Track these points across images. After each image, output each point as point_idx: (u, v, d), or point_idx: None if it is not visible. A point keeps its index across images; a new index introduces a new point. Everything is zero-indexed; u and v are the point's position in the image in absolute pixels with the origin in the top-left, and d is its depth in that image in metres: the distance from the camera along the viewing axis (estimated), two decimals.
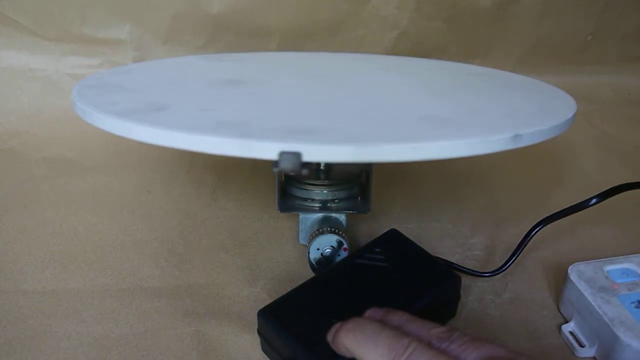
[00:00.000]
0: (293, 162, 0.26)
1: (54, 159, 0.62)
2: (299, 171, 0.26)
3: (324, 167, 0.46)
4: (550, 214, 0.45)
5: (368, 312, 0.33)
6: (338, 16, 0.70)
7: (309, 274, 0.44)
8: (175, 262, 0.46)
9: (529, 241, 0.45)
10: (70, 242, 0.48)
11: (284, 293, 0.37)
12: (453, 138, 0.28)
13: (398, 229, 0.43)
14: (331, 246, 0.43)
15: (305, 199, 0.46)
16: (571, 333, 0.39)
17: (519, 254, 0.45)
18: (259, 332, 0.37)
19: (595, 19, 0.78)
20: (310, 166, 0.27)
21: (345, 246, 0.43)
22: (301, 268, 0.46)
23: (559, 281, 0.43)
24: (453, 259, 0.46)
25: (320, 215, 0.45)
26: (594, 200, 0.44)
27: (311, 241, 0.43)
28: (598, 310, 0.37)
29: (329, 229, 0.43)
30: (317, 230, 0.43)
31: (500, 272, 0.44)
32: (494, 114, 0.35)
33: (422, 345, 0.28)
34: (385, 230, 0.43)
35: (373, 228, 0.51)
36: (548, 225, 0.45)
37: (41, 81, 0.68)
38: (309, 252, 0.43)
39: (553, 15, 0.77)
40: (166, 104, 0.33)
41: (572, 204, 0.45)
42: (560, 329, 0.40)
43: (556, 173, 0.63)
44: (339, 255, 0.43)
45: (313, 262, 0.43)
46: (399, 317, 0.32)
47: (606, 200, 0.44)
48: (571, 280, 0.40)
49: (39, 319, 0.40)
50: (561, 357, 0.38)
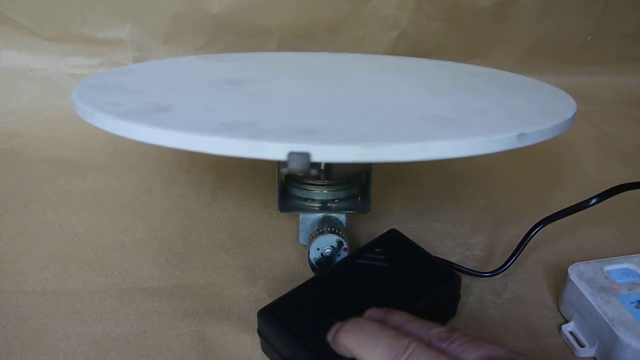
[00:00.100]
0: (302, 163, 0.26)
1: (54, 159, 0.62)
2: (308, 171, 0.27)
3: (324, 167, 0.46)
4: (550, 214, 0.45)
5: (368, 312, 0.33)
6: (338, 16, 0.70)
7: (309, 274, 0.44)
8: (175, 262, 0.46)
9: (529, 241, 0.45)
10: (70, 242, 0.48)
11: (284, 293, 0.37)
12: (458, 137, 0.28)
13: (398, 229, 0.43)
14: (331, 246, 0.43)
15: (305, 199, 0.46)
16: (571, 333, 0.39)
17: (519, 254, 0.45)
18: (259, 332, 0.37)
19: (595, 19, 0.78)
20: (318, 166, 0.27)
21: (345, 246, 0.43)
22: (301, 268, 0.46)
23: (559, 281, 0.43)
24: (453, 259, 0.46)
25: (320, 215, 0.45)
26: (594, 200, 0.44)
27: (311, 241, 0.43)
28: (598, 310, 0.37)
29: (329, 229, 0.43)
30: (317, 230, 0.43)
31: (500, 272, 0.44)
32: (496, 114, 0.35)
33: (422, 345, 0.28)
34: (385, 230, 0.43)
35: (373, 228, 0.51)
36: (548, 225, 0.45)
37: (41, 81, 0.68)
38: (309, 252, 0.43)
39: (553, 15, 0.77)
40: (169, 105, 0.33)
41: (572, 204, 0.45)
42: (560, 329, 0.40)
43: (556, 173, 0.63)
44: (339, 255, 0.43)
45: (313, 262, 0.43)
46: (399, 317, 0.32)
47: (606, 200, 0.44)
48: (571, 280, 0.40)
49: (39, 319, 0.40)
50: (561, 357, 0.38)
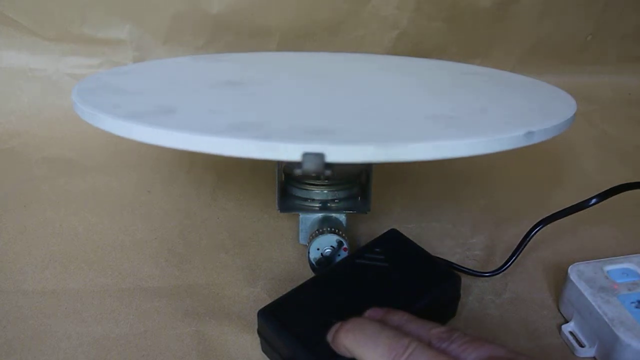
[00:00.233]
0: (317, 163, 0.26)
1: (54, 159, 0.62)
2: (322, 172, 0.27)
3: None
4: (550, 214, 0.45)
5: (368, 312, 0.33)
6: (338, 16, 0.70)
7: (309, 274, 0.44)
8: (175, 262, 0.46)
9: (529, 241, 0.45)
10: (70, 242, 0.48)
11: (284, 293, 0.37)
12: (468, 136, 0.28)
13: (398, 229, 0.43)
14: (331, 246, 0.43)
15: (305, 199, 0.46)
16: (571, 333, 0.39)
17: (519, 254, 0.45)
18: (259, 332, 0.37)
19: (595, 19, 0.78)
20: (332, 167, 0.27)
21: (345, 246, 0.43)
22: (301, 268, 0.46)
23: (559, 281, 0.43)
24: (453, 259, 0.46)
25: (320, 215, 0.45)
26: (594, 200, 0.44)
27: (311, 241, 0.43)
28: (598, 310, 0.37)
29: (329, 229, 0.43)
30: (317, 230, 0.43)
31: (500, 272, 0.44)
32: (497, 114, 0.35)
33: (422, 345, 0.28)
34: (385, 230, 0.43)
35: (373, 228, 0.51)
36: (548, 225, 0.45)
37: (41, 81, 0.68)
38: (309, 252, 0.43)
39: (553, 15, 0.77)
40: (174, 107, 0.33)
41: (572, 204, 0.45)
42: (560, 329, 0.40)
43: (556, 173, 0.63)
44: (339, 255, 0.43)
45: (313, 262, 0.43)
46: (399, 317, 0.32)
47: (606, 200, 0.44)
48: (571, 280, 0.40)
49: (39, 319, 0.40)
50: (561, 357, 0.38)
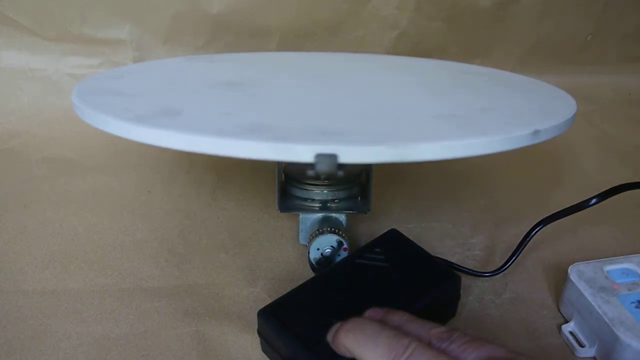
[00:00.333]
0: (330, 164, 0.26)
1: (54, 159, 0.62)
2: (335, 173, 0.27)
3: None
4: (550, 214, 0.45)
5: (368, 312, 0.33)
6: (338, 16, 0.70)
7: (309, 274, 0.44)
8: (175, 262, 0.46)
9: (529, 241, 0.45)
10: (70, 242, 0.48)
11: (284, 293, 0.37)
12: (477, 136, 0.28)
13: (398, 229, 0.43)
14: (331, 246, 0.43)
15: (305, 199, 0.46)
16: (571, 333, 0.39)
17: (519, 254, 0.45)
18: (259, 332, 0.37)
19: (595, 19, 0.78)
20: (344, 167, 0.27)
21: (345, 246, 0.43)
22: (301, 268, 0.46)
23: (559, 281, 0.43)
24: (453, 259, 0.46)
25: (320, 215, 0.45)
26: (594, 200, 0.44)
27: (311, 241, 0.43)
28: (598, 310, 0.37)
29: (329, 229, 0.43)
30: (317, 230, 0.43)
31: (500, 272, 0.44)
32: (498, 113, 0.35)
33: (422, 345, 0.28)
34: (385, 230, 0.43)
35: (373, 228, 0.51)
36: (548, 225, 0.45)
37: (41, 81, 0.68)
38: (309, 252, 0.43)
39: (553, 15, 0.77)
40: (179, 108, 0.33)
41: (572, 204, 0.45)
42: (560, 329, 0.40)
43: (556, 173, 0.63)
44: (339, 255, 0.43)
45: (313, 262, 0.43)
46: (399, 317, 0.32)
47: (606, 200, 0.44)
48: (571, 280, 0.40)
49: (39, 319, 0.40)
50: (561, 357, 0.38)
